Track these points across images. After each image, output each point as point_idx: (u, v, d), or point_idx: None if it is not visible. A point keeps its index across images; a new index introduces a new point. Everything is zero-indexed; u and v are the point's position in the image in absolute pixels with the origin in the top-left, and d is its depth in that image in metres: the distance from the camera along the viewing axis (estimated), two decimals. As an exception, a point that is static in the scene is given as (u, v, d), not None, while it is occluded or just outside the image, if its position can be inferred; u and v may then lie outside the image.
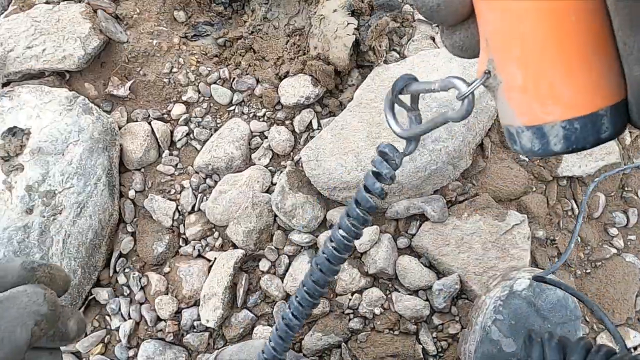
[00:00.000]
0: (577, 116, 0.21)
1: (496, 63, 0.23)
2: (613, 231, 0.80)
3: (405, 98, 0.30)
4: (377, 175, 0.33)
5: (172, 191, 0.76)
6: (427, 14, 0.24)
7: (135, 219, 0.76)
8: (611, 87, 0.21)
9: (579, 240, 0.79)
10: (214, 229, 0.75)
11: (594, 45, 0.20)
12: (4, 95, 0.72)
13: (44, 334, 0.32)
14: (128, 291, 0.74)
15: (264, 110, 0.79)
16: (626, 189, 0.83)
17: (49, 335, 0.34)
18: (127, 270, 0.75)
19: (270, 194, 0.74)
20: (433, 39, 0.83)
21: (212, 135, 0.78)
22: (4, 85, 0.78)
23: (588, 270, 0.78)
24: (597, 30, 0.20)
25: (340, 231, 0.36)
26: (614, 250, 0.79)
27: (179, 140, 0.78)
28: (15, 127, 0.70)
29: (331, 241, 0.37)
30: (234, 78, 0.80)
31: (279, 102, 0.78)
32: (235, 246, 0.74)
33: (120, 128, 0.77)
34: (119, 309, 0.73)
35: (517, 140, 0.23)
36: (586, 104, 0.21)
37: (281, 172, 0.75)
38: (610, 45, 0.21)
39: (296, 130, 0.78)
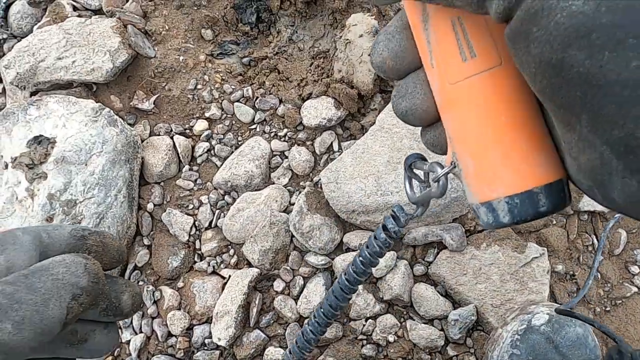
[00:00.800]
0: (516, 192, 0.25)
1: (457, 155, 0.28)
2: (634, 269, 0.79)
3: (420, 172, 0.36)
4: (385, 228, 0.38)
5: (190, 206, 0.76)
6: (400, 118, 0.30)
7: (152, 232, 0.76)
8: (546, 169, 0.25)
9: (599, 277, 0.78)
10: (229, 246, 0.75)
11: (526, 137, 0.25)
12: (32, 104, 0.74)
13: (84, 309, 0.29)
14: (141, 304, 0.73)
15: (285, 130, 0.79)
16: (648, 226, 0.81)
17: (102, 309, 0.31)
18: (141, 283, 0.74)
19: (288, 214, 0.74)
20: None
21: (232, 152, 0.78)
22: (33, 94, 0.79)
23: (608, 308, 0.76)
24: (528, 125, 0.25)
25: (352, 266, 0.42)
26: (635, 289, 0.78)
27: (200, 156, 0.79)
28: (41, 135, 0.71)
29: (344, 274, 0.43)
30: (257, 97, 0.81)
31: (300, 123, 0.79)
32: (250, 265, 0.73)
33: (142, 141, 0.78)
34: (131, 322, 0.73)
35: (478, 215, 0.28)
36: (523, 183, 0.25)
37: (300, 192, 0.75)
38: (542, 135, 0.25)
39: (317, 151, 0.78)
